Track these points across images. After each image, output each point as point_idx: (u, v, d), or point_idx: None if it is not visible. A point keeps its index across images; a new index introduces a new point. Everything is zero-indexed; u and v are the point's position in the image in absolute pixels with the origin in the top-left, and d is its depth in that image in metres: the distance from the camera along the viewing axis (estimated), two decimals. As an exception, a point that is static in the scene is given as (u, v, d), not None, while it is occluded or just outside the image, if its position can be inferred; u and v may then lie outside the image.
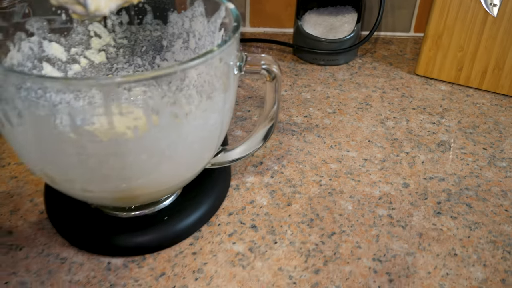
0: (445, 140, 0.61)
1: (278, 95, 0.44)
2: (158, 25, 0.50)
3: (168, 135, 0.36)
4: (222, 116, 0.41)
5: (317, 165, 0.56)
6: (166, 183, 0.41)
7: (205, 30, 0.48)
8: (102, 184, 0.38)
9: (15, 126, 0.35)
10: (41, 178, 0.42)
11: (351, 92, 0.71)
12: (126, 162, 0.36)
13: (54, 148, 0.35)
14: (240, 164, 0.56)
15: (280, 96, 0.44)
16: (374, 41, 0.87)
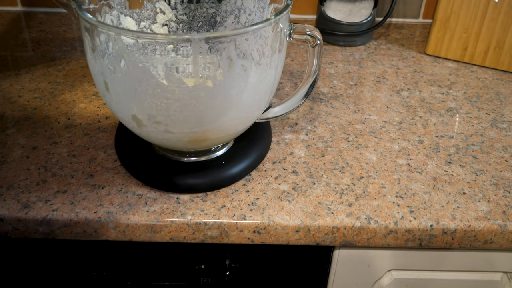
0: (453, 107, 0.70)
1: (319, 58, 0.53)
2: (214, 3, 0.60)
3: (237, 84, 0.46)
4: (275, 73, 0.50)
5: (344, 125, 0.65)
6: (230, 129, 0.50)
7: (255, 7, 0.57)
8: (182, 125, 0.47)
9: (120, 74, 0.44)
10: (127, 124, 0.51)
11: (369, 68, 0.80)
12: (204, 106, 0.45)
13: (149, 93, 0.44)
14: (278, 125, 0.65)
15: (320, 59, 0.53)
16: (387, 26, 0.96)
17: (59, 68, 0.76)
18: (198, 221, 0.50)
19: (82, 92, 0.70)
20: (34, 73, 0.74)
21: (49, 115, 0.65)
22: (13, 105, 0.67)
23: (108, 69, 0.45)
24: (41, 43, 0.84)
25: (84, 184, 0.54)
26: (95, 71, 0.47)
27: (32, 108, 0.66)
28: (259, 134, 0.60)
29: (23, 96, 0.69)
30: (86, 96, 0.69)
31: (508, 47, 0.78)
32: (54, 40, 0.85)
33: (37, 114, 0.65)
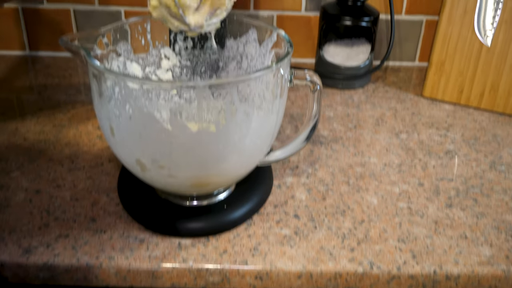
0: (451, 149, 0.71)
1: (319, 102, 0.54)
2: (217, 50, 0.61)
3: (240, 129, 0.46)
4: (277, 117, 0.51)
5: (344, 168, 0.66)
6: (233, 173, 0.51)
7: (256, 53, 0.58)
8: (186, 170, 0.47)
9: (123, 119, 0.45)
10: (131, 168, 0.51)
11: (368, 111, 0.81)
12: (207, 150, 0.46)
13: (153, 138, 0.45)
14: (279, 168, 0.65)
15: (321, 103, 0.54)
16: (385, 69, 0.98)
17: (64, 111, 0.77)
18: (199, 267, 0.50)
19: (86, 135, 0.71)
20: (40, 117, 0.75)
21: (53, 158, 0.66)
22: (18, 148, 0.67)
23: (114, 114, 0.46)
24: (47, 86, 0.85)
25: (86, 228, 0.54)
26: (101, 115, 0.48)
27: (36, 151, 0.67)
28: (260, 178, 0.61)
29: (28, 139, 0.70)
30: (90, 139, 0.70)
31: (503, 90, 0.80)
32: (60, 84, 0.87)
33: (41, 157, 0.66)
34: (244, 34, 0.59)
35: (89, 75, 0.49)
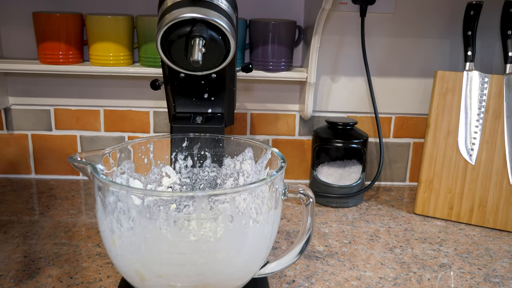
0: (445, 262, 0.72)
1: (312, 215, 0.57)
2: (215, 167, 0.65)
3: (237, 239, 0.49)
4: (272, 229, 0.53)
5: (340, 282, 0.67)
6: (229, 284, 0.52)
7: (252, 170, 0.62)
8: (184, 279, 0.49)
9: (125, 230, 0.48)
10: (130, 279, 0.52)
11: (362, 227, 0.83)
12: (205, 259, 0.48)
13: (153, 248, 0.47)
14: (276, 282, 0.66)
15: (314, 217, 0.57)
16: (377, 189, 1.02)
17: (65, 230, 0.79)
18: None
19: (86, 252, 0.72)
20: (41, 235, 0.77)
21: (52, 274, 0.66)
22: (18, 265, 0.68)
23: (116, 225, 0.48)
24: (50, 207, 0.88)
25: None
26: (104, 227, 0.50)
27: (36, 268, 0.68)
28: (257, 292, 0.61)
29: (28, 256, 0.71)
30: (90, 256, 0.71)
31: (491, 206, 0.83)
32: (63, 204, 0.90)
33: (40, 274, 0.66)
34: (240, 153, 0.64)
35: (94, 189, 0.52)
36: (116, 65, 0.91)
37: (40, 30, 0.89)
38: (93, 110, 1.00)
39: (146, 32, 0.89)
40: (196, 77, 0.67)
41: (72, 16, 0.89)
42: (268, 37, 0.90)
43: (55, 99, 0.99)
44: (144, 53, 0.91)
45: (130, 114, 1.00)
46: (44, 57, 0.91)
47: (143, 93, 0.99)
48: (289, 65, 0.93)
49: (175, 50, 0.61)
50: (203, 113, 0.70)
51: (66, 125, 1.01)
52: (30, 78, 0.98)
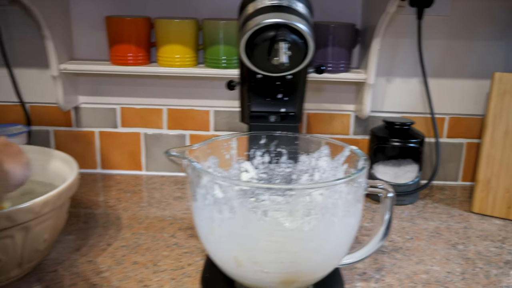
0: (510, 259, 0.75)
1: (391, 208, 0.60)
2: (291, 164, 0.69)
3: (328, 229, 0.52)
4: (356, 221, 0.57)
5: (409, 275, 0.70)
6: (317, 271, 0.55)
7: (328, 166, 0.66)
8: (278, 266, 0.53)
9: (226, 219, 0.52)
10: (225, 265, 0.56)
11: (422, 224, 0.86)
12: (299, 248, 0.52)
13: (253, 236, 0.51)
14: (348, 274, 0.69)
15: (392, 208, 0.60)
16: (430, 188, 1.04)
17: (139, 221, 0.84)
18: None
19: (164, 242, 0.77)
20: (118, 226, 0.82)
21: (138, 261, 0.71)
22: (104, 252, 0.73)
23: (217, 214, 0.52)
24: (121, 200, 0.93)
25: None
26: (202, 216, 0.55)
27: (121, 256, 0.73)
28: (333, 283, 0.65)
29: (112, 245, 0.76)
30: (168, 245, 0.76)
31: (551, 206, 0.85)
32: (132, 197, 0.94)
33: (126, 260, 0.71)
34: (316, 150, 0.67)
35: (191, 181, 0.56)
36: (182, 66, 0.95)
37: (112, 33, 0.95)
38: (157, 109, 1.05)
39: (211, 34, 0.93)
40: (273, 78, 0.71)
41: (142, 20, 0.94)
42: (328, 39, 0.94)
43: (121, 98, 1.04)
44: (209, 55, 0.95)
45: (191, 113, 1.05)
46: (115, 59, 0.96)
47: (204, 93, 1.04)
48: (348, 66, 0.96)
49: (257, 53, 0.64)
50: (277, 112, 0.74)
51: (131, 123, 1.06)
52: (98, 78, 1.03)
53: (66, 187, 0.65)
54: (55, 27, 0.93)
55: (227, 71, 0.94)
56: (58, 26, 0.95)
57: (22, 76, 1.03)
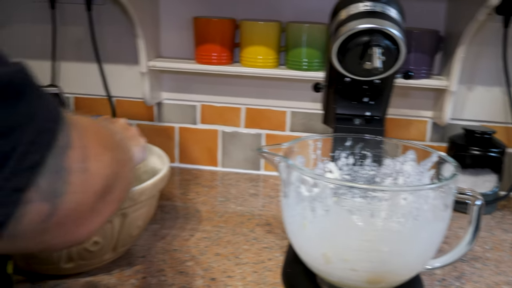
0: None
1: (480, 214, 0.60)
2: (375, 167, 0.70)
3: (419, 231, 0.53)
4: (444, 226, 0.57)
5: (490, 285, 0.69)
6: (404, 273, 0.56)
7: (414, 171, 0.66)
8: (367, 264, 0.54)
9: (319, 216, 0.54)
10: (313, 261, 0.59)
11: (501, 235, 0.85)
12: (389, 248, 0.53)
13: (344, 234, 0.53)
14: (427, 279, 0.70)
15: (481, 215, 0.60)
16: (508, 199, 1.02)
17: (219, 215, 0.88)
18: None
19: (244, 236, 0.80)
20: (199, 218, 0.86)
21: (220, 252, 0.74)
22: (187, 242, 0.77)
23: (309, 211, 0.54)
24: (199, 193, 0.97)
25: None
26: (295, 212, 0.57)
27: (203, 246, 0.76)
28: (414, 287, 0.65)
29: (194, 235, 0.80)
30: (248, 239, 0.79)
31: None
32: (210, 192, 0.98)
33: (208, 251, 0.75)
34: (401, 154, 0.68)
35: (283, 177, 0.59)
36: (264, 67, 0.98)
37: (199, 33, 0.99)
38: (235, 107, 1.08)
39: (294, 37, 0.96)
40: (360, 82, 0.72)
41: (228, 21, 0.98)
42: (410, 45, 0.94)
43: (202, 96, 1.09)
44: (291, 57, 0.97)
45: (268, 112, 1.08)
46: (200, 58, 1.00)
47: (282, 94, 1.06)
48: (429, 72, 0.96)
49: (349, 57, 0.66)
50: (362, 116, 0.75)
51: (210, 120, 1.10)
52: (181, 76, 1.08)
53: (160, 178, 0.69)
54: (146, 26, 0.98)
55: (308, 73, 0.96)
56: (149, 25, 1.00)
57: (111, 71, 1.09)
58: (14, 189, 0.29)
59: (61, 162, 0.33)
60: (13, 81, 0.30)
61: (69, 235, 0.36)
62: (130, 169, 0.43)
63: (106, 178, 0.37)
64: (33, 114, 0.31)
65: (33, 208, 0.31)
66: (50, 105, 0.33)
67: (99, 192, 0.37)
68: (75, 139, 0.34)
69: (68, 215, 0.34)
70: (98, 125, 0.41)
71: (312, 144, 0.69)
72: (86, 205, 0.36)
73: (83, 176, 0.35)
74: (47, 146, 0.32)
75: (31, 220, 0.31)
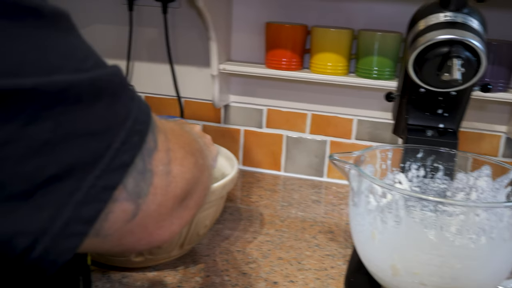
0: None
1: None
2: (446, 180, 0.68)
3: (493, 250, 0.51)
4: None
5: None
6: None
7: (488, 187, 0.64)
8: (437, 279, 0.53)
9: (390, 227, 0.53)
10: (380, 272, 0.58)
11: None
12: (462, 264, 0.51)
13: (416, 247, 0.52)
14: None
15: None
16: None
17: (281, 219, 0.88)
18: None
19: (306, 242, 0.80)
20: (261, 221, 0.87)
21: (282, 257, 0.75)
22: (251, 244, 0.78)
23: (380, 222, 0.54)
24: (262, 197, 0.98)
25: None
26: (364, 221, 0.56)
27: (266, 250, 0.77)
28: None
29: (257, 238, 0.80)
30: (310, 246, 0.79)
31: None
32: (272, 196, 0.99)
33: (271, 255, 0.75)
34: (476, 169, 0.66)
35: (352, 186, 0.58)
36: (334, 74, 0.98)
37: (270, 38, 1.00)
38: (301, 113, 1.08)
39: (366, 45, 0.95)
40: (435, 93, 0.71)
41: (299, 27, 0.98)
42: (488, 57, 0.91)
43: (269, 100, 1.10)
44: (362, 65, 0.96)
45: (334, 120, 1.07)
46: (270, 62, 1.01)
47: (349, 101, 1.05)
48: (507, 86, 0.93)
49: (427, 68, 0.65)
50: (435, 128, 0.73)
51: (275, 124, 1.10)
52: (250, 79, 1.09)
53: (229, 180, 0.71)
54: (219, 29, 1.00)
55: (378, 82, 0.95)
56: (222, 29, 1.02)
57: (181, 72, 1.12)
58: (104, 187, 0.30)
59: (147, 164, 0.34)
60: (111, 83, 0.32)
61: (150, 237, 0.37)
62: (208, 175, 0.44)
63: (187, 182, 0.38)
64: (127, 115, 0.32)
65: (120, 206, 0.32)
66: (142, 107, 0.34)
67: (180, 195, 0.37)
68: (161, 141, 0.35)
69: (150, 216, 0.35)
70: (182, 130, 0.42)
71: (383, 154, 0.68)
72: (166, 207, 0.36)
73: (166, 178, 0.35)
74: (137, 147, 0.33)
75: (117, 219, 0.32)
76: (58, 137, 0.28)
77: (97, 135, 0.30)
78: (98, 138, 0.30)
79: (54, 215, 0.28)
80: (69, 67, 0.29)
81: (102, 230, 0.32)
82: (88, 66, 0.30)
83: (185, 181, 0.38)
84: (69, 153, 0.28)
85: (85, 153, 0.29)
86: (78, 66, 0.29)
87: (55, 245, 0.28)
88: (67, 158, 0.28)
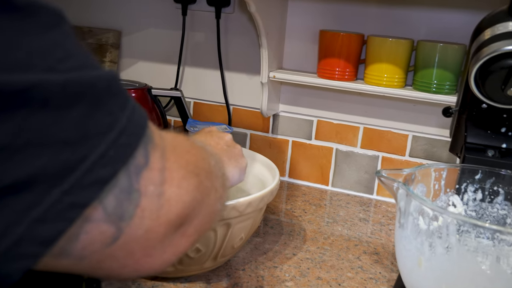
0: None
1: None
2: (506, 206, 0.62)
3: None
4: None
5: None
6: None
7: (557, 217, 0.57)
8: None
9: (438, 254, 0.47)
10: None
11: None
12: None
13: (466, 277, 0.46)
14: None
15: None
16: None
17: (325, 236, 0.83)
18: None
19: (348, 263, 0.75)
20: (304, 237, 0.83)
21: (322, 277, 0.70)
22: (289, 260, 0.74)
23: (428, 248, 0.49)
24: (306, 211, 0.94)
25: None
26: (411, 246, 0.51)
27: (305, 268, 0.72)
28: None
29: (297, 254, 0.76)
30: (353, 267, 0.74)
31: None
32: (317, 211, 0.94)
33: (310, 274, 0.71)
34: (543, 196, 0.59)
35: (400, 206, 0.53)
36: (389, 86, 0.92)
37: (324, 47, 0.96)
38: (353, 126, 1.03)
39: (426, 57, 0.89)
40: (499, 109, 0.64)
41: (355, 36, 0.94)
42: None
43: (319, 111, 1.05)
44: (420, 78, 0.91)
45: (388, 134, 1.01)
46: (322, 72, 0.97)
47: (404, 116, 0.99)
48: None
49: (490, 82, 0.59)
50: (496, 147, 0.67)
51: (325, 136, 1.06)
52: (300, 88, 1.06)
53: (268, 192, 0.67)
54: (272, 37, 0.97)
55: (437, 96, 0.89)
56: (274, 36, 0.99)
57: (231, 79, 1.10)
58: (72, 204, 0.27)
59: (134, 182, 0.30)
60: (94, 88, 0.28)
61: (137, 264, 0.33)
62: (217, 197, 0.38)
63: (184, 206, 0.33)
64: (111, 125, 0.28)
65: (96, 228, 0.28)
66: (134, 118, 0.30)
67: (174, 220, 0.33)
68: (155, 158, 0.31)
69: (135, 242, 0.31)
70: (191, 146, 0.37)
71: (437, 173, 0.62)
72: (157, 233, 0.32)
73: (157, 201, 0.31)
74: (120, 162, 0.29)
75: (92, 241, 0.29)
76: (18, 143, 0.24)
77: (70, 145, 0.26)
78: (71, 148, 0.26)
79: (1, 232, 0.24)
80: (41, 66, 0.25)
81: (73, 251, 0.28)
82: (66, 67, 0.27)
83: (182, 205, 0.33)
84: (31, 163, 0.25)
85: (52, 164, 0.25)
86: (53, 66, 0.26)
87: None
88: (28, 168, 0.25)
